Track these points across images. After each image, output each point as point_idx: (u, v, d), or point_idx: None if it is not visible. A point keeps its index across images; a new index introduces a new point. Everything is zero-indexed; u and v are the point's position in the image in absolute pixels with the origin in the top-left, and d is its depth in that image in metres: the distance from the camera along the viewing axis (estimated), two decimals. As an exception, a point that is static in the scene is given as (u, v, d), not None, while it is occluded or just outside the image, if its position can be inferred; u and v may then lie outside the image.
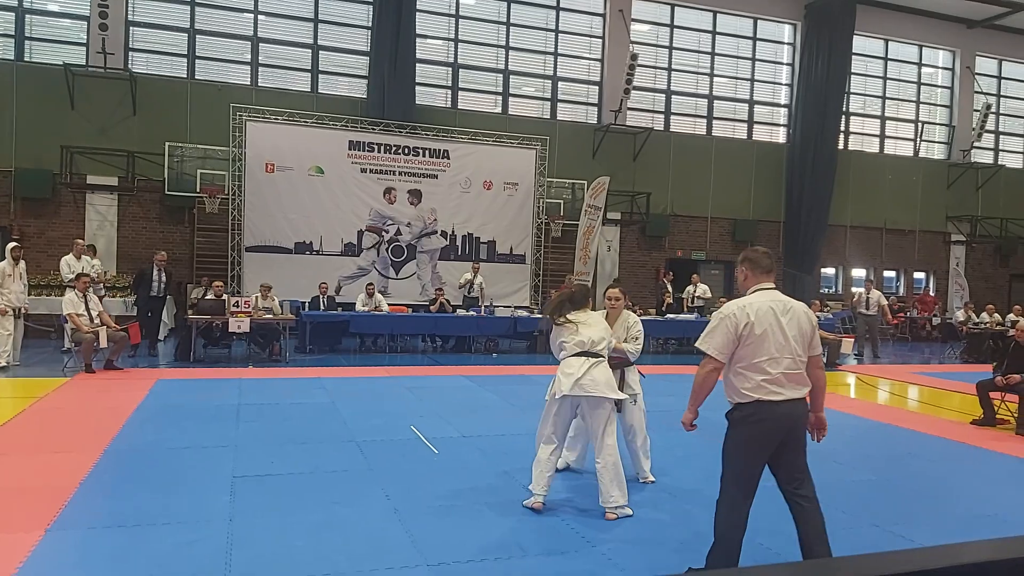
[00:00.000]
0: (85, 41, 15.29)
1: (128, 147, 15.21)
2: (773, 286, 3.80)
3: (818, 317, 13.93)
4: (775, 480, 3.77)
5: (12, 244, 10.80)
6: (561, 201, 17.99)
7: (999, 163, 22.86)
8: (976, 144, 22.08)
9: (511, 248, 16.93)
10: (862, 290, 16.82)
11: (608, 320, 5.45)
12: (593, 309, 5.24)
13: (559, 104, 18.82)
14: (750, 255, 3.85)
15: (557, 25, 18.70)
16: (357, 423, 7.33)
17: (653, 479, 5.66)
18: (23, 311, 10.67)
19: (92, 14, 14.75)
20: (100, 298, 11.54)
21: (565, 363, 4.86)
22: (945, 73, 22.77)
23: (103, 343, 9.88)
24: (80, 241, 12.72)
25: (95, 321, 10.21)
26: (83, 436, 6.46)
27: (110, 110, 15.28)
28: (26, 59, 15.17)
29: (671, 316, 15.07)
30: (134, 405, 7.80)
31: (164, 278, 12.08)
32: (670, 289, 16.81)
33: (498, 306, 15.20)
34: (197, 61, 16.24)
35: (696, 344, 3.73)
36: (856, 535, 4.70)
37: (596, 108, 19.00)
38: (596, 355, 4.85)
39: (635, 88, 18.29)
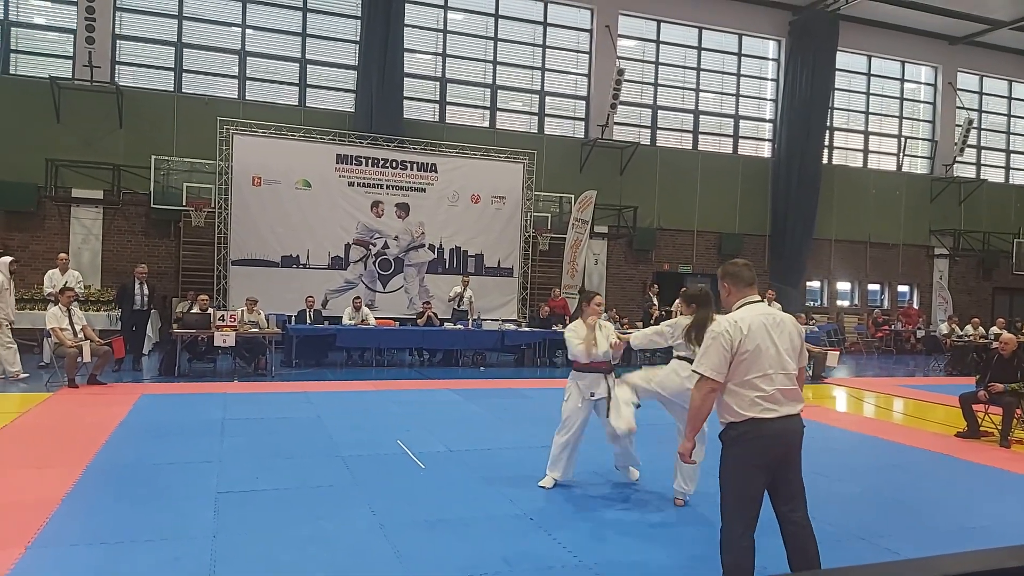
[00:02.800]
0: (71, 54, 15.24)
1: (114, 160, 15.15)
2: (759, 298, 3.69)
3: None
4: (770, 501, 3.62)
5: (9, 258, 10.88)
6: (548, 215, 18.05)
7: (981, 178, 23.14)
8: (958, 159, 22.36)
9: (499, 261, 16.94)
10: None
11: (590, 325, 5.74)
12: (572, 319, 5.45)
13: (546, 118, 18.91)
14: (730, 269, 3.72)
15: (544, 40, 18.83)
16: (343, 438, 7.29)
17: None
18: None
19: (79, 27, 14.74)
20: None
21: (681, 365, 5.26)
22: (927, 89, 23.08)
23: (87, 357, 9.79)
24: (64, 255, 12.61)
25: (79, 335, 10.13)
26: (66, 451, 6.38)
27: (96, 123, 15.22)
28: (11, 72, 15.11)
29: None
30: (118, 420, 7.73)
31: (147, 291, 11.99)
32: (656, 302, 16.86)
33: (486, 319, 15.19)
34: (184, 74, 16.22)
35: (692, 368, 3.65)
36: (842, 548, 4.71)
37: (583, 122, 19.11)
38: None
39: (622, 103, 18.41)
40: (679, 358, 5.37)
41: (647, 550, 4.58)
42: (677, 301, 6.94)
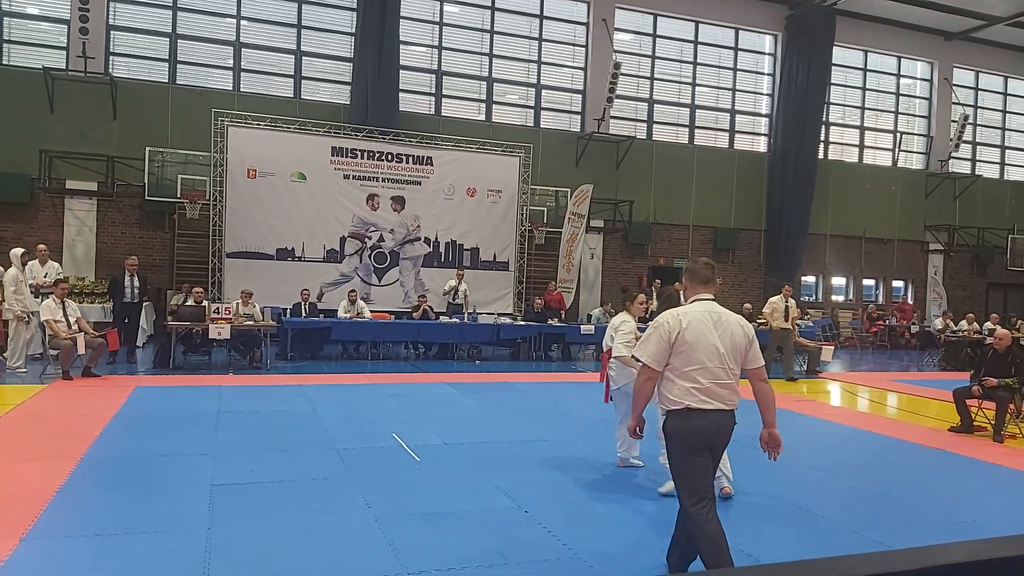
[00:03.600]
0: (65, 45, 15.15)
1: (108, 152, 15.09)
2: (711, 297, 3.84)
3: (798, 325, 14.10)
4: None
5: (21, 250, 10.80)
6: (544, 208, 18.04)
7: (976, 173, 23.19)
8: (953, 154, 22.38)
9: (494, 255, 16.92)
10: (778, 298, 13.45)
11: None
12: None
13: (542, 112, 18.88)
14: (690, 266, 3.95)
15: (541, 33, 18.78)
16: (338, 431, 7.30)
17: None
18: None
19: (72, 17, 14.64)
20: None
21: None
22: (923, 84, 23.10)
23: (81, 349, 9.77)
24: (43, 246, 12.37)
25: (73, 327, 10.10)
26: (60, 443, 6.38)
27: (90, 114, 15.14)
28: (5, 62, 15.00)
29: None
30: (112, 412, 7.72)
31: (137, 284, 11.93)
32: (654, 297, 16.84)
33: (481, 313, 15.19)
34: (179, 66, 16.15)
35: (633, 353, 3.80)
36: (835, 541, 4.74)
37: (579, 116, 19.09)
38: None
39: (618, 97, 18.39)
40: None
41: (640, 541, 4.59)
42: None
